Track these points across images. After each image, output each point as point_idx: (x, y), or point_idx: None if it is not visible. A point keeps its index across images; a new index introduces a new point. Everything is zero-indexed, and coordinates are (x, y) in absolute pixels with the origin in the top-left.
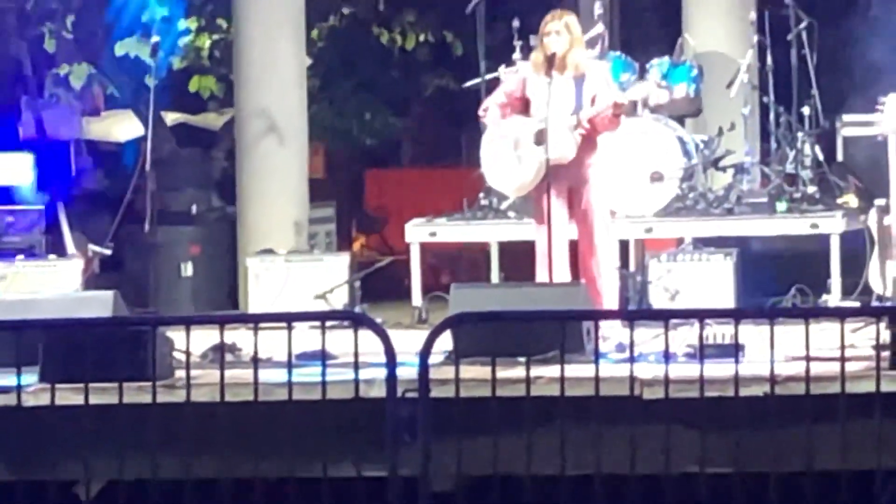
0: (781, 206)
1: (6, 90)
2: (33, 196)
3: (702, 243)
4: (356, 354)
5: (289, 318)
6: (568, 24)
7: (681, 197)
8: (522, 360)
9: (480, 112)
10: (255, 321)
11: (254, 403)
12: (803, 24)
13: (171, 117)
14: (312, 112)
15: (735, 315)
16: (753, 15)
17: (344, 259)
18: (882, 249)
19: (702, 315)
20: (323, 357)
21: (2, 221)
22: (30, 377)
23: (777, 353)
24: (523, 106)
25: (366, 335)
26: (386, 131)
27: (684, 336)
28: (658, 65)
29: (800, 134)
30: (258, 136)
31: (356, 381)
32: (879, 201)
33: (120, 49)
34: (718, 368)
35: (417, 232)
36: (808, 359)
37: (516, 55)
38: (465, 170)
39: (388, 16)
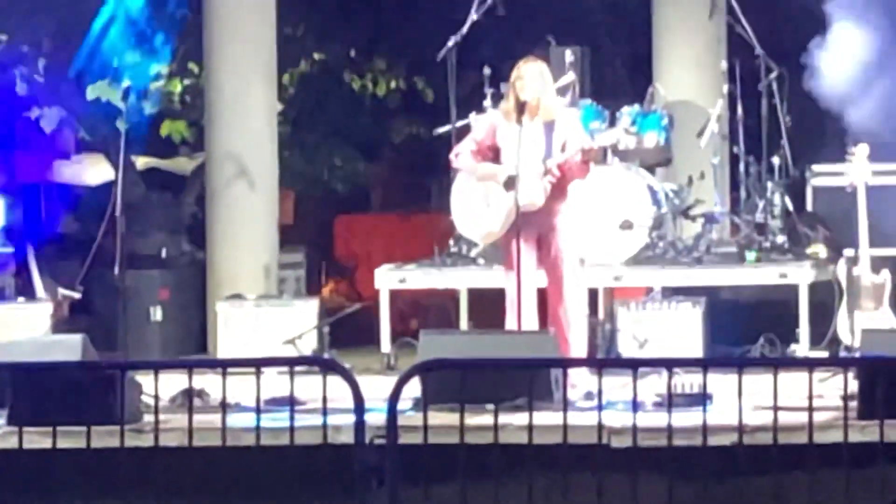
0: (751, 255)
1: None
2: (2, 239)
3: (671, 292)
4: (325, 400)
5: (257, 364)
6: (540, 71)
7: (650, 245)
8: (491, 407)
9: (451, 156)
10: (224, 366)
11: (222, 449)
12: (773, 75)
13: (141, 161)
14: (283, 157)
15: (703, 364)
16: (724, 64)
17: (313, 304)
18: (850, 300)
19: (670, 364)
20: (291, 403)
21: None
22: None
23: (745, 402)
24: (493, 153)
25: (334, 381)
26: (356, 177)
27: (653, 385)
28: (628, 113)
29: (769, 184)
30: (228, 180)
31: (324, 427)
32: (848, 252)
33: (91, 93)
34: (687, 417)
35: (387, 278)
36: (775, 408)
37: (487, 102)
38: (435, 216)
39: (359, 62)
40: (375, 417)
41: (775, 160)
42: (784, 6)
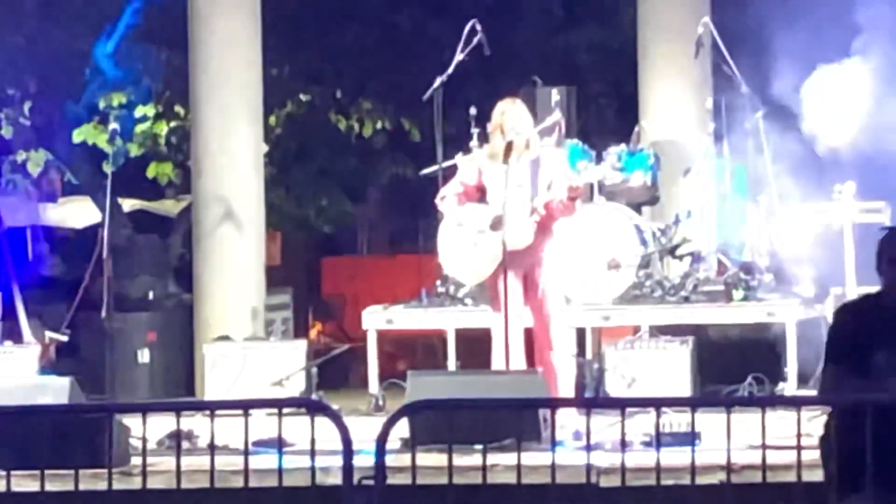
0: (738, 294)
1: None
2: None
3: (658, 331)
4: (313, 442)
5: (245, 405)
6: (522, 109)
7: (637, 285)
8: (479, 447)
9: (438, 200)
10: (212, 408)
11: (210, 490)
12: (760, 113)
13: (128, 204)
14: (269, 198)
15: (691, 403)
16: (710, 102)
17: (300, 346)
18: None
19: (658, 403)
20: (279, 444)
21: None
22: None
23: (733, 441)
24: (480, 194)
25: (322, 422)
26: (343, 218)
27: (641, 424)
28: (615, 152)
29: (756, 222)
30: (215, 222)
31: (312, 469)
32: (836, 290)
33: (77, 136)
34: (675, 456)
35: (374, 319)
36: (764, 447)
37: (473, 142)
38: (422, 257)
39: (345, 103)
40: (364, 459)
41: (762, 198)
42: (770, 45)
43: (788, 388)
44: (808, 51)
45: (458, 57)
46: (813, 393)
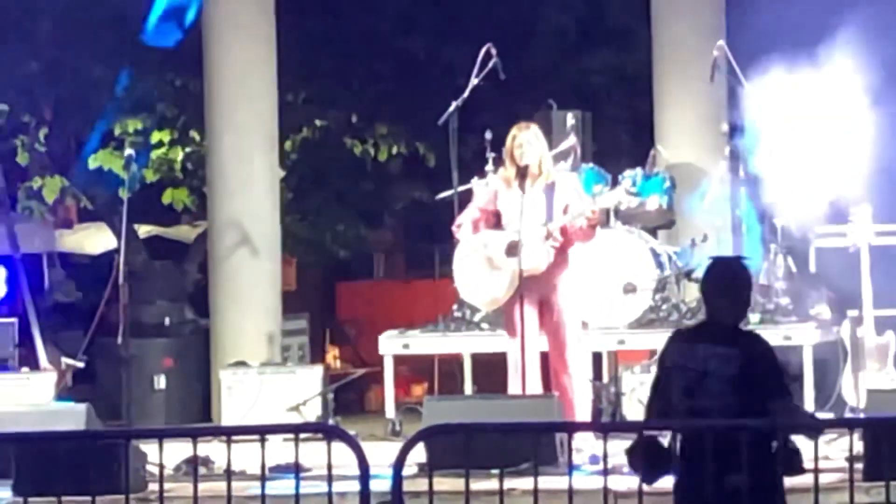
0: (754, 317)
1: None
2: (6, 309)
3: None
4: (329, 467)
5: (262, 431)
6: (536, 135)
7: (654, 308)
8: (496, 472)
9: (454, 228)
10: (229, 434)
11: None
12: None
13: (143, 230)
14: (285, 224)
15: (709, 427)
16: (726, 126)
17: (317, 371)
18: (855, 360)
19: (675, 427)
20: (296, 470)
21: None
22: (3, 491)
23: None
24: (496, 219)
25: (339, 447)
26: (358, 243)
27: None
28: (630, 176)
29: (772, 245)
30: (231, 248)
31: (329, 494)
32: (852, 312)
33: (93, 162)
34: None
35: (391, 344)
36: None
37: (489, 166)
38: (438, 281)
39: (360, 127)
40: (380, 484)
41: (778, 222)
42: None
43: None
44: (826, 70)
45: (474, 81)
46: (830, 416)
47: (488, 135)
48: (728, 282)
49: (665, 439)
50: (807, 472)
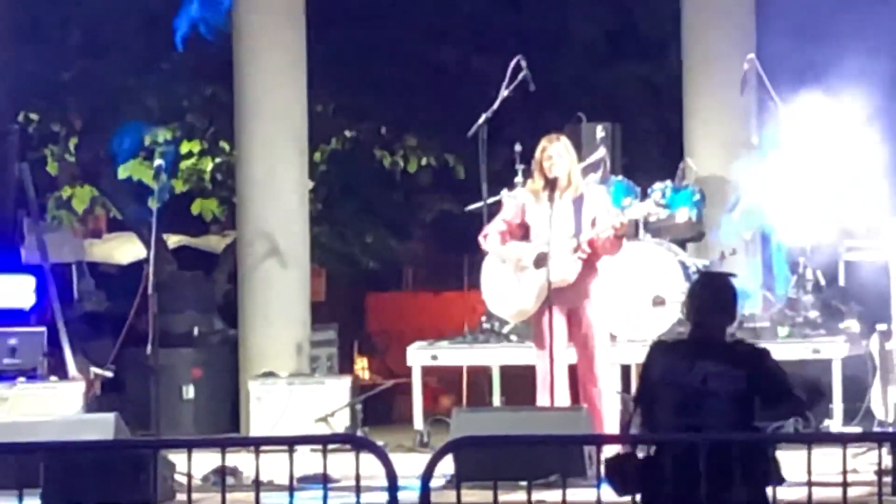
0: (783, 330)
1: (8, 213)
2: (35, 318)
3: None
4: (357, 478)
5: (290, 441)
6: (567, 147)
7: (683, 321)
8: (524, 484)
9: (480, 239)
10: (257, 444)
11: None
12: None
13: (173, 240)
14: (314, 235)
15: (736, 440)
16: (756, 139)
17: (345, 382)
18: (884, 374)
19: (703, 439)
20: (324, 480)
21: (3, 343)
22: (32, 500)
23: None
24: (523, 232)
25: (367, 458)
26: (387, 254)
27: None
28: (660, 188)
29: (801, 259)
30: (260, 258)
31: None
32: (881, 326)
33: (123, 172)
34: None
35: (419, 355)
36: (809, 484)
37: (518, 178)
38: (467, 293)
39: (390, 139)
40: (408, 495)
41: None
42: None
43: (834, 424)
44: (856, 85)
45: (503, 93)
46: (859, 430)
47: (518, 147)
48: (720, 296)
49: (640, 453)
50: (785, 481)
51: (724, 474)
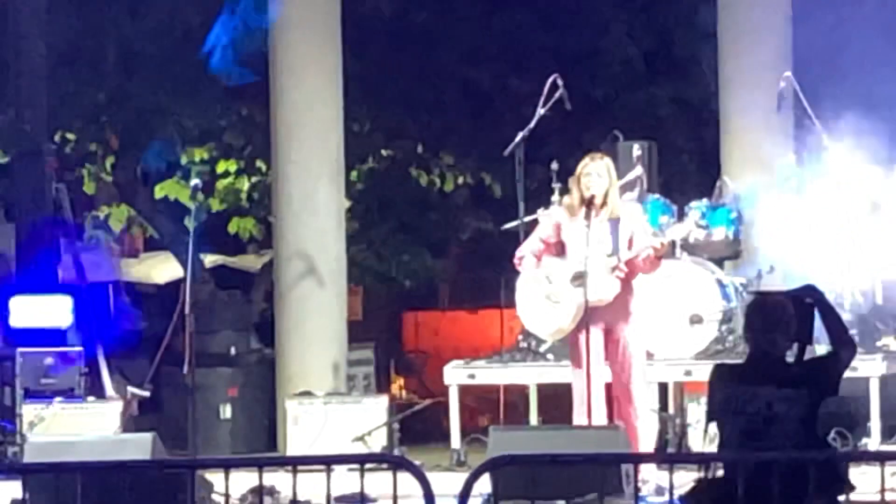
0: (821, 348)
1: (46, 233)
2: (72, 338)
3: None
4: (395, 498)
5: (328, 461)
6: (608, 168)
7: (720, 339)
8: (562, 502)
9: (516, 260)
10: (294, 463)
11: None
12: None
13: (209, 259)
14: (351, 253)
15: (774, 459)
16: (792, 157)
17: (382, 401)
18: None
19: (740, 459)
20: (362, 500)
21: (41, 363)
22: None
23: None
24: (559, 250)
25: (405, 478)
26: (424, 273)
27: None
28: (697, 207)
29: (838, 277)
30: (297, 277)
31: None
32: None
33: (160, 191)
34: None
35: (456, 374)
36: (848, 502)
37: (555, 197)
38: (504, 312)
39: (426, 158)
40: None
41: (843, 253)
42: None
43: (872, 443)
44: (892, 101)
45: (540, 111)
46: None
47: (554, 165)
48: (773, 316)
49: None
50: (855, 488)
51: (794, 494)
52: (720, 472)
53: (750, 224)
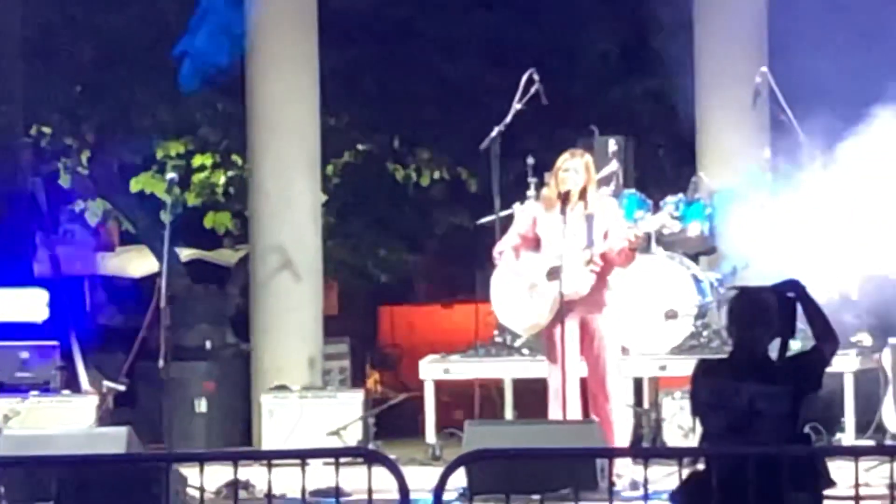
0: (795, 344)
1: (21, 226)
2: (48, 331)
3: None
4: (370, 491)
5: (303, 455)
6: (586, 164)
7: (695, 335)
8: (536, 497)
9: (495, 255)
10: (269, 458)
11: None
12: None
13: (185, 253)
14: (327, 248)
15: (749, 453)
16: (768, 152)
17: (358, 396)
18: None
19: (715, 453)
20: (337, 494)
21: (17, 357)
22: None
23: None
24: (536, 244)
25: (380, 472)
26: (400, 268)
27: None
28: (672, 202)
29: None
30: (273, 272)
31: None
32: (893, 339)
33: (135, 185)
34: None
35: (431, 369)
36: (822, 497)
37: (530, 192)
38: (479, 306)
39: (402, 152)
40: None
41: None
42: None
43: (846, 438)
44: (866, 99)
45: (516, 106)
46: (871, 443)
47: (530, 160)
48: (755, 311)
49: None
50: (836, 484)
51: (774, 488)
52: (700, 467)
53: (724, 219)
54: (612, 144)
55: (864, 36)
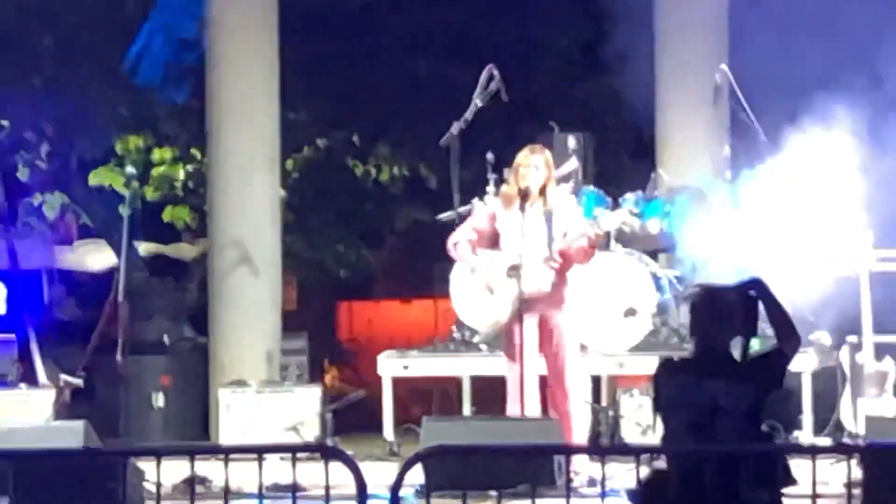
0: (754, 342)
1: None
2: (5, 325)
3: None
4: (327, 487)
5: (260, 450)
6: (546, 161)
7: (654, 332)
8: (494, 493)
9: (449, 246)
10: (226, 452)
11: None
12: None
13: (144, 247)
14: (286, 243)
15: (707, 451)
16: (727, 150)
17: (315, 391)
18: (854, 386)
19: (674, 451)
20: (293, 489)
21: None
22: None
23: None
24: (492, 240)
25: (337, 468)
26: (359, 263)
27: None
28: (631, 199)
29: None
30: (231, 266)
31: None
32: (851, 338)
33: (94, 179)
34: None
35: (390, 365)
36: (780, 495)
37: (490, 188)
38: (438, 302)
39: (362, 148)
40: None
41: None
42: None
43: (804, 436)
44: (828, 97)
45: (475, 102)
46: (828, 442)
47: (490, 156)
48: (717, 309)
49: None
50: (798, 483)
51: (733, 486)
52: (660, 464)
53: (683, 216)
54: (572, 141)
55: (824, 30)
